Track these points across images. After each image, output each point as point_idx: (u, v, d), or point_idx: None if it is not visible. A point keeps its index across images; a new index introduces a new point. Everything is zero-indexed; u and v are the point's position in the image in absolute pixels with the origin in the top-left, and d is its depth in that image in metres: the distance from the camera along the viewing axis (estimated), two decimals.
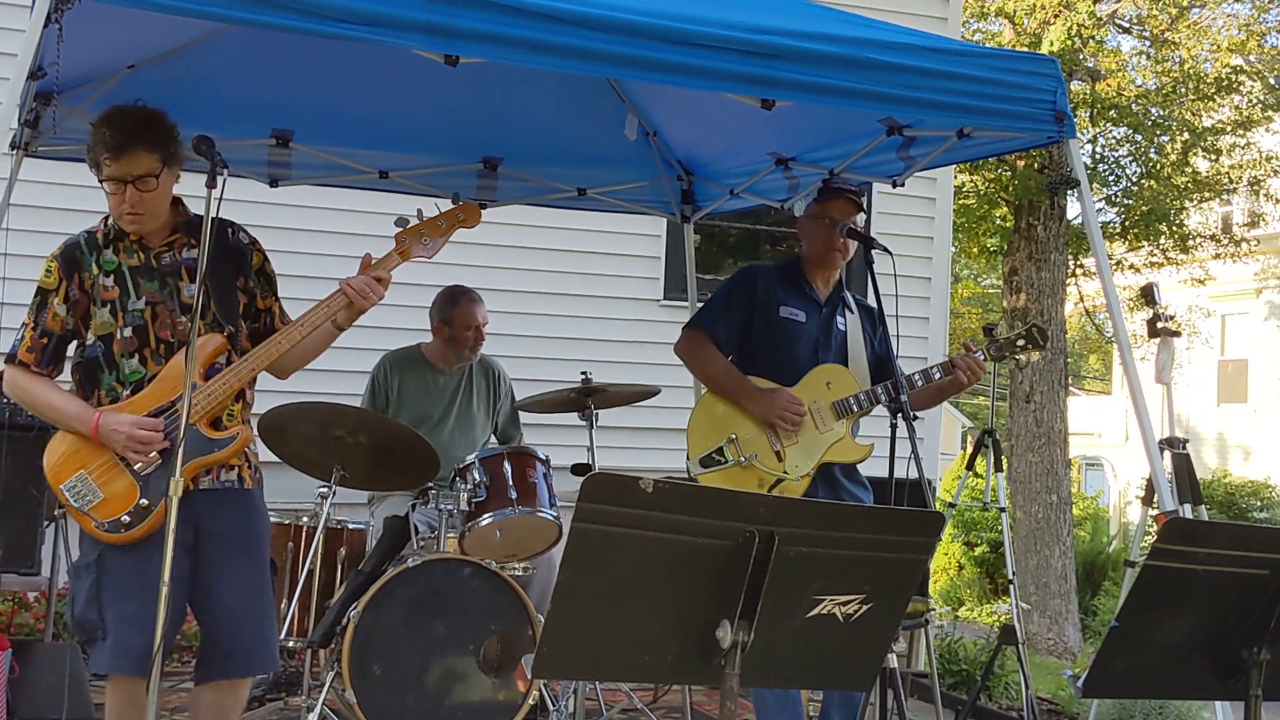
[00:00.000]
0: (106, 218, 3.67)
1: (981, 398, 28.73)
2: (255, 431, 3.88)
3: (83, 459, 3.54)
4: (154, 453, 3.50)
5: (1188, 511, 4.69)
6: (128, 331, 3.58)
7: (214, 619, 3.61)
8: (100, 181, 3.56)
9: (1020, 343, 4.46)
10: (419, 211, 3.81)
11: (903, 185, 5.12)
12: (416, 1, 3.27)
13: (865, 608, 2.28)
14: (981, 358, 4.40)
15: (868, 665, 2.41)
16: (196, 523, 3.53)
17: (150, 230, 3.63)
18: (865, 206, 4.58)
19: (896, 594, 2.33)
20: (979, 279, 26.84)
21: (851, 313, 4.64)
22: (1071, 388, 16.93)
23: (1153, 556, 2.48)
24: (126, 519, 3.49)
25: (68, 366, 3.70)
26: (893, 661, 3.21)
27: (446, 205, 3.89)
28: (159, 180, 3.54)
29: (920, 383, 4.39)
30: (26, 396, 3.62)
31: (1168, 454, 4.79)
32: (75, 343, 3.65)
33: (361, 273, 3.66)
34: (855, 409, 4.43)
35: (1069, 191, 12.38)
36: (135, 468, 3.51)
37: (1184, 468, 4.84)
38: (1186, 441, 4.93)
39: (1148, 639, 2.54)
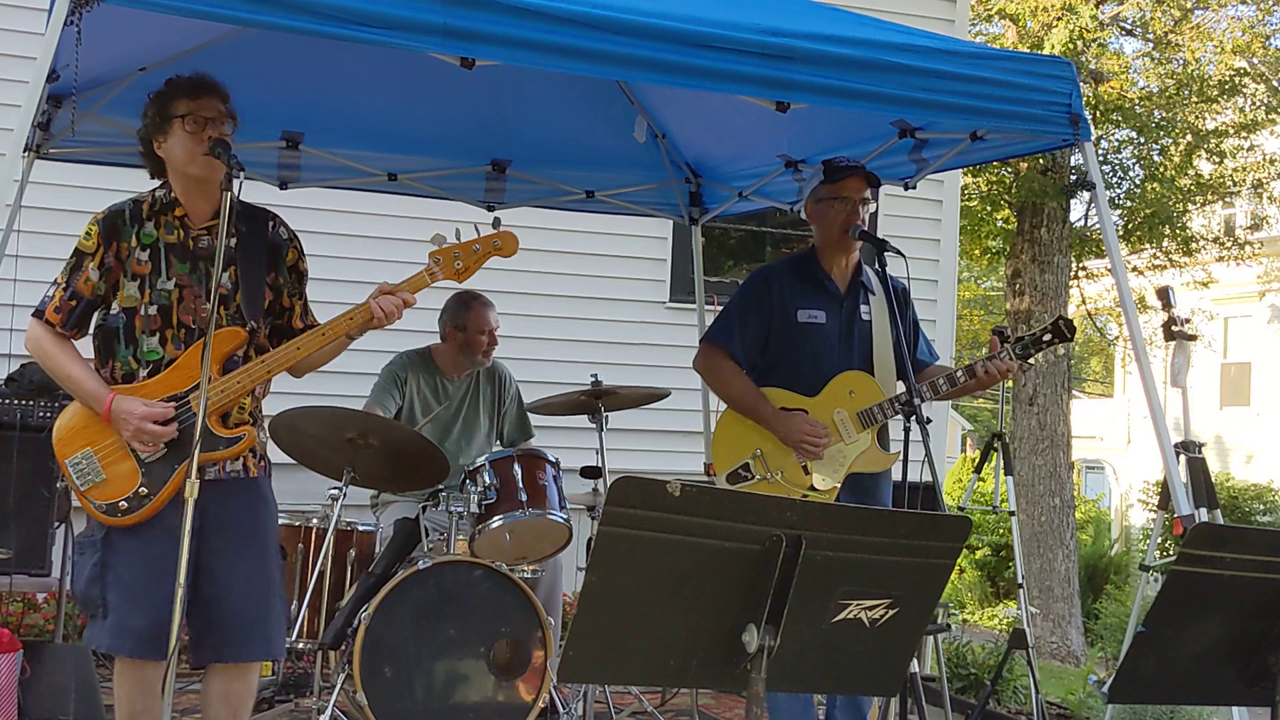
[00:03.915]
0: (155, 189, 3.66)
1: (982, 400, 28.77)
2: (266, 427, 3.87)
3: (91, 436, 3.54)
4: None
5: (1203, 516, 4.66)
6: (152, 309, 3.57)
7: (216, 603, 3.60)
8: (178, 123, 3.54)
9: (1046, 338, 4.33)
10: (457, 231, 3.77)
11: (914, 188, 5.11)
12: (433, 5, 3.27)
13: (891, 612, 2.27)
14: (1006, 356, 4.30)
15: (893, 670, 2.40)
16: (202, 509, 3.50)
17: (206, 195, 3.61)
18: (878, 182, 4.48)
19: (923, 599, 2.32)
20: (980, 281, 26.85)
21: (874, 295, 4.47)
22: (1073, 390, 16.92)
23: (1180, 562, 2.47)
24: (124, 504, 3.50)
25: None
26: (913, 665, 3.20)
27: (486, 228, 3.83)
28: (230, 132, 3.58)
29: (945, 388, 4.35)
30: (49, 360, 3.60)
31: (1183, 458, 4.78)
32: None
33: (383, 294, 3.65)
34: (880, 418, 4.34)
35: (1079, 193, 12.42)
36: (140, 454, 3.51)
37: (1199, 472, 4.82)
38: (1202, 445, 4.91)
39: (1174, 644, 2.53)
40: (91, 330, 3.67)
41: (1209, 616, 2.53)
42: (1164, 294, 5.01)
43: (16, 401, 4.93)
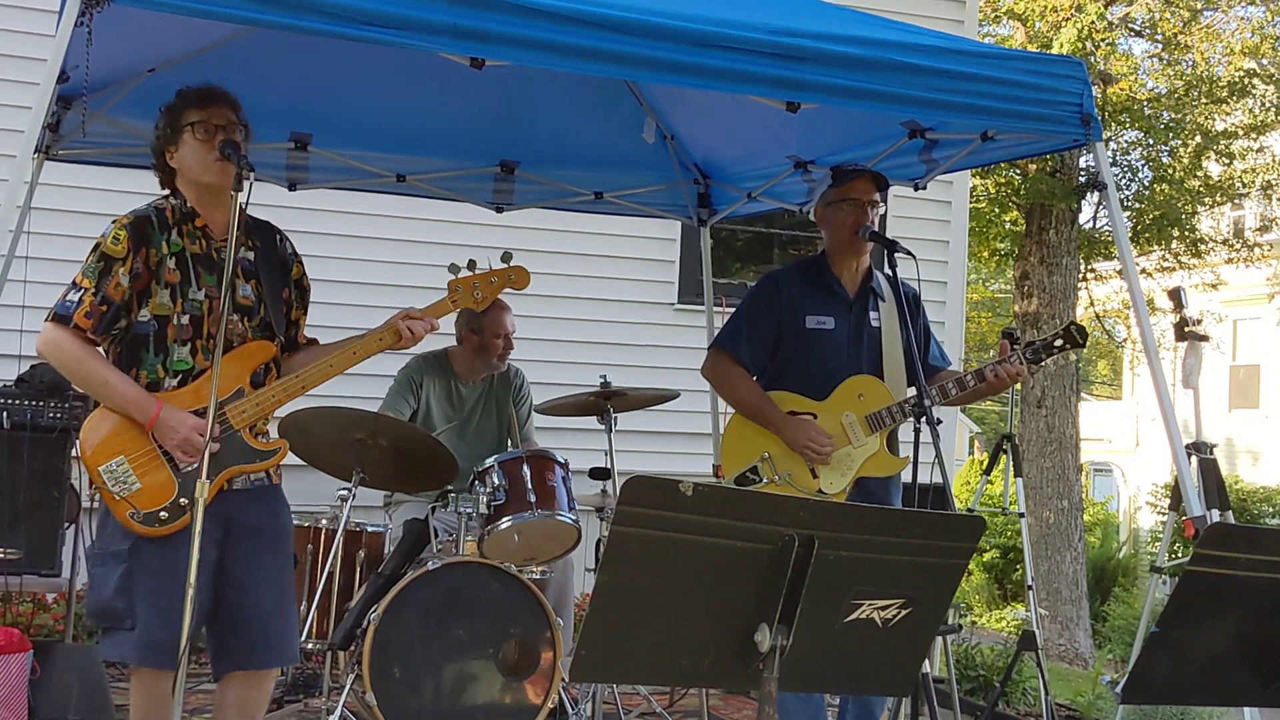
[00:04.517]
0: (168, 196, 3.65)
1: (989, 402, 28.70)
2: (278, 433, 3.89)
3: (124, 444, 3.49)
4: None
5: (1215, 517, 4.65)
6: (184, 319, 3.56)
7: (240, 611, 3.60)
8: (188, 131, 3.55)
9: (1058, 343, 4.31)
10: (471, 262, 3.89)
11: (924, 188, 5.10)
12: (442, 5, 3.27)
13: (904, 612, 2.27)
14: (1016, 361, 4.29)
15: (906, 670, 2.39)
16: (228, 517, 3.53)
17: (220, 204, 3.60)
18: (886, 184, 4.49)
19: (936, 599, 2.31)
20: (987, 283, 26.82)
21: (884, 300, 4.47)
22: (1081, 393, 16.89)
23: (1194, 562, 2.46)
24: (164, 514, 3.47)
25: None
26: (925, 666, 3.19)
27: (496, 261, 3.96)
28: (242, 139, 3.58)
29: (954, 392, 4.33)
30: (77, 366, 3.50)
31: (1194, 459, 4.76)
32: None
33: (408, 320, 3.71)
34: (888, 421, 4.33)
35: (1090, 194, 12.39)
36: (178, 464, 3.49)
37: (1211, 473, 4.80)
38: (1214, 447, 4.89)
39: (1188, 645, 2.52)
40: (112, 338, 3.62)
41: (1223, 617, 2.51)
42: (1176, 295, 5.00)
43: (27, 402, 4.93)
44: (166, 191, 3.68)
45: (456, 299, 3.85)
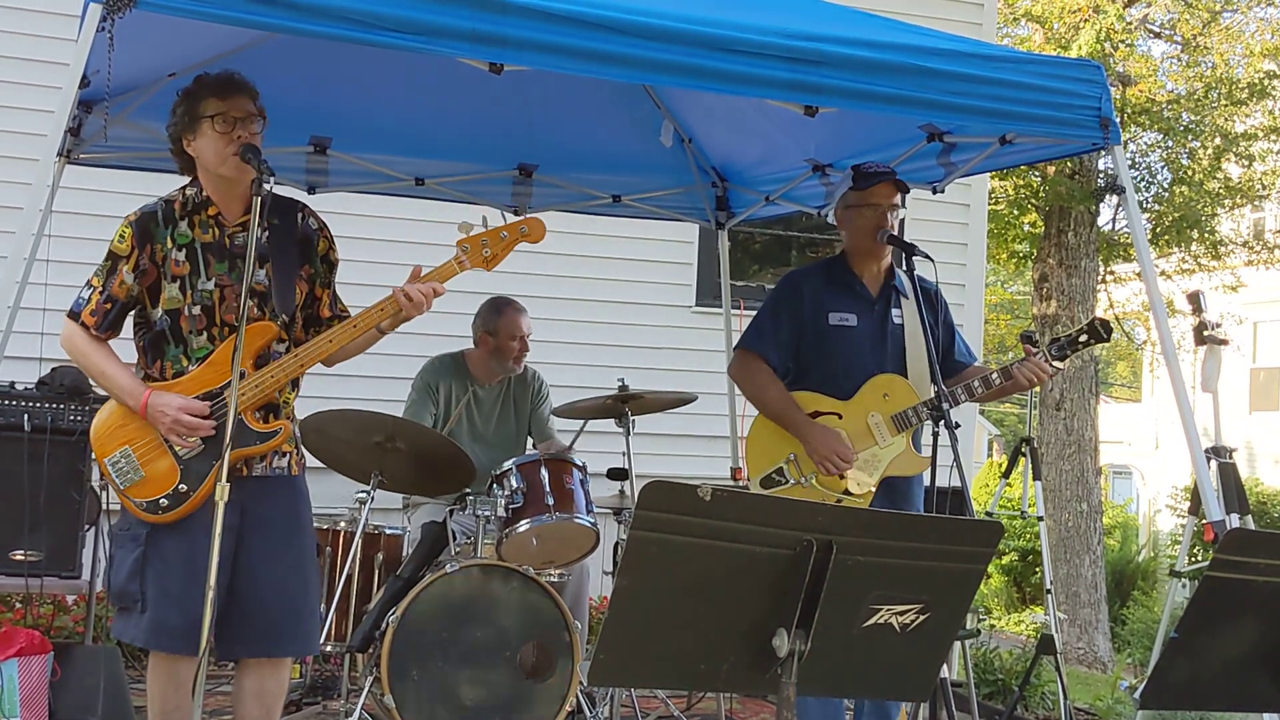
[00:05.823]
0: (184, 187, 3.67)
1: (1008, 405, 28.58)
2: (296, 425, 3.87)
3: (128, 434, 3.56)
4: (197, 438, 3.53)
5: (1234, 521, 4.62)
6: (196, 310, 3.58)
7: (251, 599, 3.61)
8: (208, 123, 3.54)
9: (1083, 338, 4.27)
10: (484, 219, 3.73)
11: (942, 192, 5.10)
12: (462, 10, 3.29)
13: (922, 618, 2.27)
14: (1042, 359, 4.26)
15: (924, 675, 2.40)
16: (243, 506, 3.54)
17: (237, 193, 3.62)
18: (907, 188, 4.48)
19: (954, 604, 2.31)
20: (1006, 285, 26.74)
21: (907, 298, 4.45)
22: (1101, 395, 16.82)
23: (1213, 567, 2.46)
24: (165, 502, 3.51)
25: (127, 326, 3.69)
26: (943, 670, 3.18)
27: (510, 216, 3.84)
28: (259, 130, 3.59)
29: (980, 390, 4.32)
30: (84, 359, 3.64)
31: (1214, 463, 4.74)
32: (138, 310, 3.64)
33: (413, 282, 3.61)
34: (914, 421, 4.31)
35: (1108, 197, 12.34)
36: (178, 451, 3.52)
37: (1231, 477, 4.78)
38: (1233, 451, 4.87)
39: (1207, 650, 2.51)
40: (135, 336, 3.68)
41: (1243, 622, 2.50)
42: (1195, 298, 4.97)
43: (48, 405, 4.95)
44: (186, 181, 3.69)
45: (464, 260, 3.65)
